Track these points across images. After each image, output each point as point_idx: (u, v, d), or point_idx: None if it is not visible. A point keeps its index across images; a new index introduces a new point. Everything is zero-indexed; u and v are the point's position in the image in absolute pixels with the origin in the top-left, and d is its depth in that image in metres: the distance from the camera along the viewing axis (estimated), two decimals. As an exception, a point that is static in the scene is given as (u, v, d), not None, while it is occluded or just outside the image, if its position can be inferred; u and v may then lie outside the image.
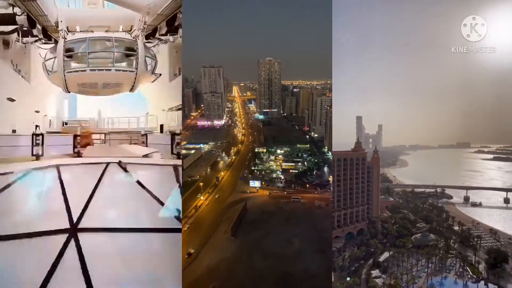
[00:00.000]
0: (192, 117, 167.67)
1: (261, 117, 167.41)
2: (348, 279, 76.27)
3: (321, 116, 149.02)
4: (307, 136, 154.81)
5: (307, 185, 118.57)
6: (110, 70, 41.74)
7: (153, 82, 49.67)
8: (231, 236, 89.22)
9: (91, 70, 41.15)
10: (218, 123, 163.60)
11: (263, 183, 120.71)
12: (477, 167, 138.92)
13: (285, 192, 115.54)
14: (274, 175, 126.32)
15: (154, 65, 46.75)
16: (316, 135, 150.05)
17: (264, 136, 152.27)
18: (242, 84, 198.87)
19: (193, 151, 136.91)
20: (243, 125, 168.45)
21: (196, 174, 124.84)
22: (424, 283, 77.46)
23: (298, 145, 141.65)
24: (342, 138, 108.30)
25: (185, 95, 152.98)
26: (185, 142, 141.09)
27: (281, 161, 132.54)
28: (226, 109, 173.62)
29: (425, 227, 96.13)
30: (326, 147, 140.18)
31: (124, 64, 43.16)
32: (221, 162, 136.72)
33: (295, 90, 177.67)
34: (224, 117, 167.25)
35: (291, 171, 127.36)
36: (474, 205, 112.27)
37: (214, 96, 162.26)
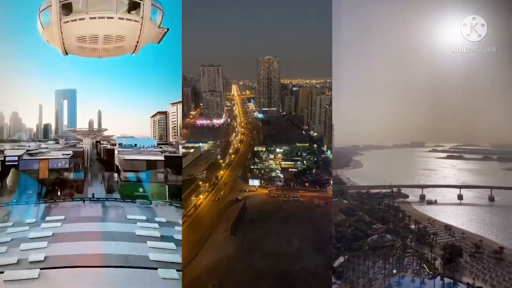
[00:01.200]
0: (191, 116, 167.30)
1: (260, 116, 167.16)
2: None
3: (320, 115, 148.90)
4: (303, 132, 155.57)
5: (306, 184, 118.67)
6: (112, 18, 35.60)
7: (159, 42, 42.22)
8: (230, 234, 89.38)
9: (91, 18, 35.06)
10: (217, 122, 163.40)
11: (263, 182, 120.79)
12: (431, 166, 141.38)
13: (284, 191, 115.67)
14: (273, 174, 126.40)
15: (161, 17, 39.52)
16: (316, 134, 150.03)
17: (263, 135, 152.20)
18: (241, 83, 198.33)
19: (192, 150, 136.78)
20: (242, 124, 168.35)
21: (195, 173, 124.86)
22: (382, 285, 77.89)
23: (297, 144, 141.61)
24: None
25: (184, 93, 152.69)
26: (184, 141, 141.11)
27: (280, 160, 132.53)
28: (225, 108, 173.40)
29: (382, 228, 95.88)
30: (325, 146, 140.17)
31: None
32: (220, 161, 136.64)
33: (294, 89, 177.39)
34: (223, 116, 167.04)
35: (290, 169, 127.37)
36: (430, 203, 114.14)
37: (213, 95, 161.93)
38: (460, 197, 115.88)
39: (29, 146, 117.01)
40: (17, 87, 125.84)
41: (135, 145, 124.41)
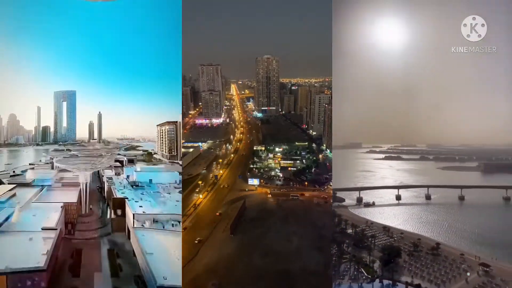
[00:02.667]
0: (190, 115, 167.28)
1: (259, 115, 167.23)
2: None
3: (319, 114, 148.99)
4: (299, 130, 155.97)
5: (306, 183, 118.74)
6: None
7: None
8: (230, 234, 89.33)
9: None
10: (216, 121, 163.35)
11: (262, 181, 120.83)
12: (369, 167, 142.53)
13: (284, 190, 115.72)
14: (273, 173, 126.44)
15: None
16: (315, 132, 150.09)
17: (263, 134, 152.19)
18: (240, 82, 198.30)
19: (191, 150, 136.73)
20: (242, 123, 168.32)
21: (194, 172, 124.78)
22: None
23: (296, 143, 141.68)
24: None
25: (183, 93, 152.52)
26: (184, 141, 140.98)
27: (279, 159, 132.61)
28: (224, 107, 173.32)
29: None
30: (324, 145, 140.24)
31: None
32: (220, 160, 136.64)
33: (293, 88, 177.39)
34: (222, 115, 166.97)
35: (289, 168, 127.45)
36: (367, 205, 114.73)
37: (212, 94, 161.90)
38: (398, 197, 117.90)
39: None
40: (15, 88, 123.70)
41: (151, 180, 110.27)
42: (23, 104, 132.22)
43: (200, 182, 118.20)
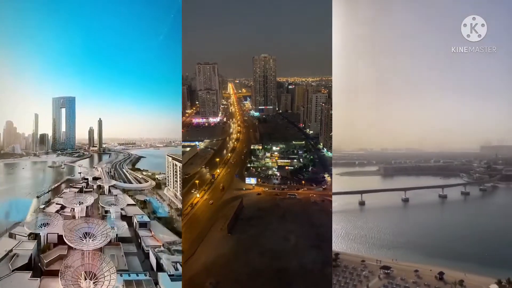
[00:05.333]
0: (187, 114, 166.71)
1: (256, 114, 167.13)
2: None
3: (316, 113, 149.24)
4: (296, 128, 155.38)
5: (303, 182, 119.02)
6: None
7: None
8: (227, 233, 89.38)
9: None
10: (213, 120, 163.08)
11: (259, 180, 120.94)
12: None
13: (281, 189, 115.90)
14: (270, 172, 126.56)
15: None
16: (312, 131, 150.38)
17: (260, 133, 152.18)
18: (237, 81, 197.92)
19: (188, 149, 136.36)
20: (239, 122, 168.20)
21: (192, 171, 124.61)
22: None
23: (293, 142, 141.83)
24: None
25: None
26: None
27: (276, 158, 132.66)
28: (221, 106, 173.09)
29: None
30: (321, 144, 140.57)
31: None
32: (217, 159, 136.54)
33: (290, 87, 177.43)
34: (220, 114, 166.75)
35: (286, 167, 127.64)
36: None
37: (209, 93, 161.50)
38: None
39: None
40: (11, 94, 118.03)
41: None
42: (21, 110, 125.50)
43: (197, 181, 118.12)
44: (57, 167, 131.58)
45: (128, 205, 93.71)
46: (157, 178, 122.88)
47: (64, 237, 64.88)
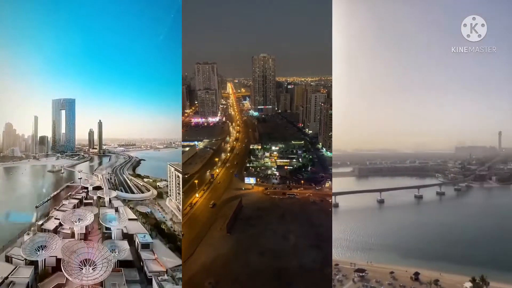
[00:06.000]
0: (186, 114, 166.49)
1: (255, 114, 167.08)
2: None
3: (315, 113, 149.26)
4: (295, 128, 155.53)
5: (302, 181, 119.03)
6: None
7: None
8: (226, 233, 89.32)
9: None
10: (212, 120, 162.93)
11: (258, 179, 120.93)
12: None
13: (280, 188, 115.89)
14: (269, 172, 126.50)
15: None
16: (311, 131, 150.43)
17: (259, 133, 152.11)
18: (237, 81, 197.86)
19: (187, 149, 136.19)
20: (238, 122, 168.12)
21: (191, 171, 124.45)
22: None
23: (292, 142, 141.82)
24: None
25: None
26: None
27: (276, 158, 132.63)
28: (220, 106, 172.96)
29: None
30: (320, 143, 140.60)
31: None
32: (216, 159, 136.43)
33: (289, 86, 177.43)
34: (219, 114, 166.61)
35: (286, 167, 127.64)
36: None
37: (208, 93, 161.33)
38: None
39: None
40: (11, 96, 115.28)
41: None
42: (20, 112, 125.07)
43: (196, 181, 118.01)
44: (57, 171, 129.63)
45: (129, 219, 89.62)
46: (158, 186, 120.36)
47: (62, 267, 60.52)
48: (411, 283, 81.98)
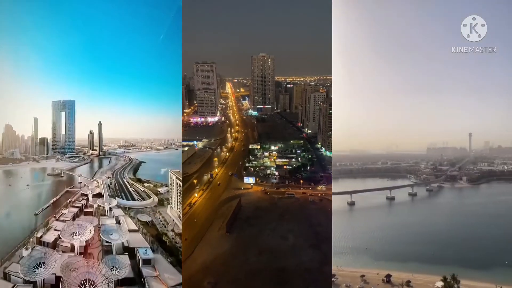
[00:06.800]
0: (185, 114, 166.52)
1: (254, 113, 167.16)
2: None
3: (314, 112, 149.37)
4: (294, 128, 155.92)
5: (301, 181, 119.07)
6: None
7: None
8: (225, 232, 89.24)
9: None
10: (211, 119, 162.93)
11: (257, 179, 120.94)
12: None
13: (279, 188, 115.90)
14: (268, 171, 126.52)
15: None
16: (310, 131, 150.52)
17: (258, 133, 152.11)
18: (236, 81, 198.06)
19: (186, 148, 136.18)
20: (237, 121, 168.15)
21: (190, 171, 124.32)
22: None
23: (291, 141, 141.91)
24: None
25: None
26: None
27: (275, 157, 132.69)
28: (220, 105, 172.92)
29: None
30: (319, 143, 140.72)
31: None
32: (215, 159, 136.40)
33: (288, 86, 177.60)
34: (218, 114, 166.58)
35: (285, 167, 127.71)
36: None
37: (207, 93, 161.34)
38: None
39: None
40: (11, 97, 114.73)
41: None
42: (20, 114, 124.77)
43: (195, 180, 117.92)
44: (56, 175, 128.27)
45: (130, 231, 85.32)
46: (159, 191, 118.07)
47: (61, 286, 57.48)
48: (383, 286, 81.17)
